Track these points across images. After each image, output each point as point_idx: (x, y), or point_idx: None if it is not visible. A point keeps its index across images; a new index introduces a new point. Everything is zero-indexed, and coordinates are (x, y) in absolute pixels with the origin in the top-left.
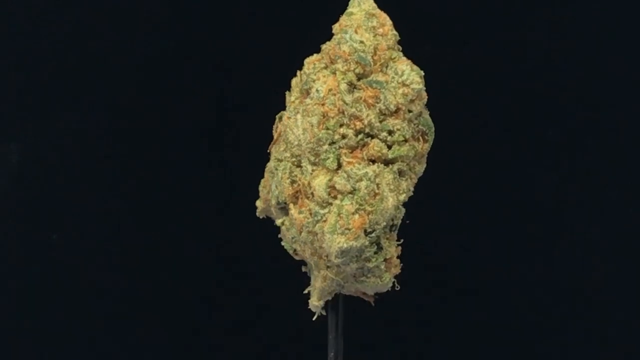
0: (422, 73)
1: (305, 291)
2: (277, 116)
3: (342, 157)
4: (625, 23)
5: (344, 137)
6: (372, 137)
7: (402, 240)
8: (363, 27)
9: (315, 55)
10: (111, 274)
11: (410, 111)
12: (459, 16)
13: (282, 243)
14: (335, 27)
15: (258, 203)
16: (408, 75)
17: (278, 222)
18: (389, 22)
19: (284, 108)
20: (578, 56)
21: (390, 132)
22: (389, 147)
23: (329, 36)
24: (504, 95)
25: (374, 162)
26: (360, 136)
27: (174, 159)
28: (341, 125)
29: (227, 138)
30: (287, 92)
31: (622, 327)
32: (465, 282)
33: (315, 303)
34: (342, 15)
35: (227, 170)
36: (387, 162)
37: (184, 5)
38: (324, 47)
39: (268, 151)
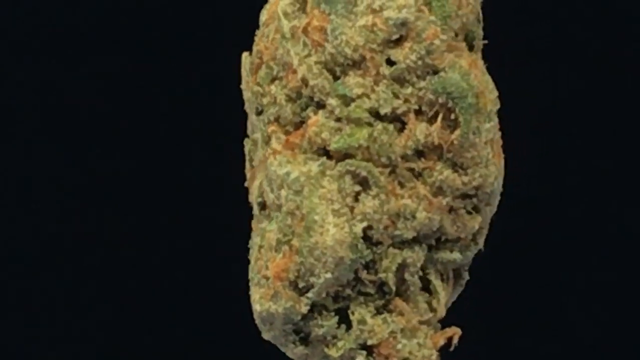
0: None
1: None
2: None
3: (270, 140)
4: None
5: (274, 102)
6: (321, 107)
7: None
8: None
9: None
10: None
11: (392, 63)
12: None
13: None
14: None
15: None
16: None
17: None
18: None
19: None
20: None
21: (346, 100)
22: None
23: None
24: None
25: (328, 155)
26: (300, 103)
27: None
28: (273, 80)
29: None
30: None
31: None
32: None
33: None
34: None
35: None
36: (341, 158)
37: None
38: None
39: None
